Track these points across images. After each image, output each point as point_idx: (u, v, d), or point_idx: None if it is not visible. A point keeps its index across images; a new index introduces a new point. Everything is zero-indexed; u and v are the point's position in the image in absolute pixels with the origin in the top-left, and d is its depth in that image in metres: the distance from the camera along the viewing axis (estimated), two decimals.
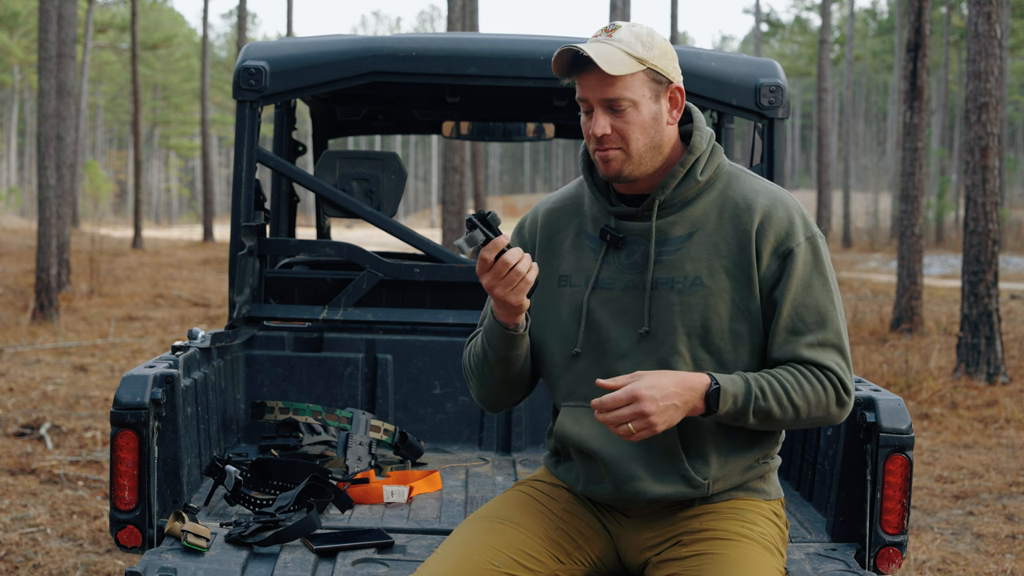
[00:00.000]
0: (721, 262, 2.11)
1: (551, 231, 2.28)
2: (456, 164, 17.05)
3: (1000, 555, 4.76)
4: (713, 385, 2.01)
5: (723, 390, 2.01)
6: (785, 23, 55.34)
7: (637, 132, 2.09)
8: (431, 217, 61.82)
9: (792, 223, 2.12)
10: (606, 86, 2.06)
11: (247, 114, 3.53)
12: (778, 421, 2.07)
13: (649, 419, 1.96)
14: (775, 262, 2.10)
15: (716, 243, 2.12)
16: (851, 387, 2.11)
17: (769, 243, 2.10)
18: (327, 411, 3.31)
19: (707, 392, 2.01)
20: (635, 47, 2.07)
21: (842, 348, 2.11)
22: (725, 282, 2.11)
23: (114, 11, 46.62)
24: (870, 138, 62.35)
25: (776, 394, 2.04)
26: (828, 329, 2.10)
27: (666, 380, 1.99)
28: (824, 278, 2.13)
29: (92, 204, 34.38)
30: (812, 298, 2.10)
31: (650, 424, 1.96)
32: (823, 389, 2.08)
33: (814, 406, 2.07)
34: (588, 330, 2.18)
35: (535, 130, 4.73)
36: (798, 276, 2.10)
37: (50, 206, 12.17)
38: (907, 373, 8.77)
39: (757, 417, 2.04)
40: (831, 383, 2.08)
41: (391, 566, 2.41)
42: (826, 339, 2.09)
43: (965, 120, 9.14)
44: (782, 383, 2.05)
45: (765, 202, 2.13)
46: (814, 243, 2.13)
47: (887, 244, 32.63)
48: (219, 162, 65.81)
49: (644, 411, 1.95)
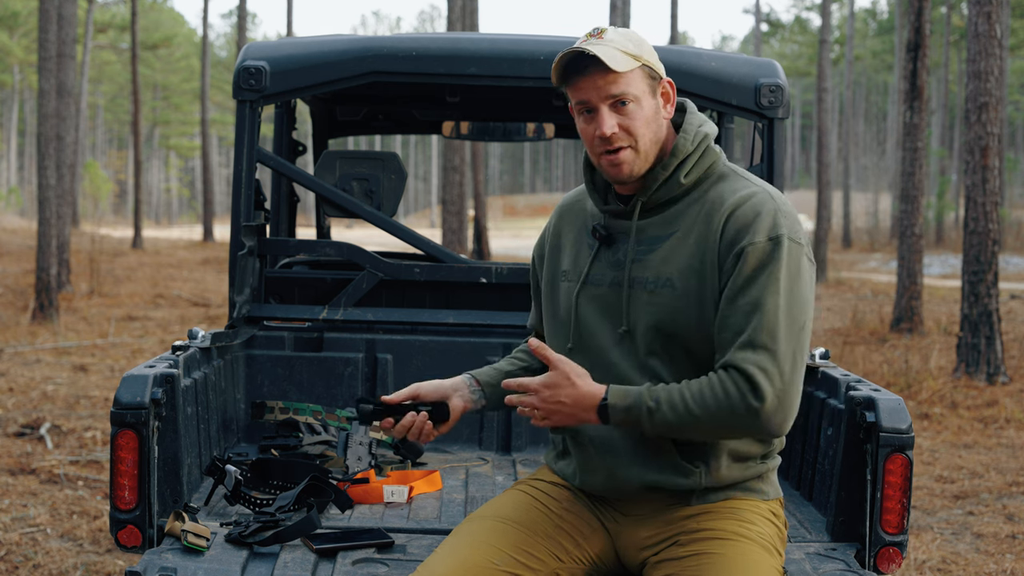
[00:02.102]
0: (691, 263, 2.10)
1: (560, 229, 2.34)
2: (456, 164, 17.06)
3: (1000, 555, 4.76)
4: (603, 401, 2.06)
5: (611, 406, 2.06)
6: (785, 23, 55.36)
7: (643, 127, 2.11)
8: (431, 217, 61.81)
9: (756, 220, 2.04)
10: (610, 84, 2.08)
11: (247, 114, 3.53)
12: (680, 429, 2.04)
13: (543, 411, 2.09)
14: (730, 260, 2.05)
15: (689, 244, 2.11)
16: (766, 391, 1.96)
17: (727, 239, 2.06)
18: (327, 411, 3.31)
19: (598, 406, 2.06)
20: (627, 46, 2.10)
21: (772, 350, 1.98)
22: (694, 283, 2.09)
23: (114, 11, 46.63)
24: (870, 138, 62.36)
25: (673, 403, 2.02)
26: (760, 329, 1.98)
27: (563, 388, 2.07)
28: (775, 279, 2.00)
29: (92, 204, 34.37)
30: (749, 296, 2.00)
31: (546, 415, 2.09)
32: (724, 395, 1.98)
33: (715, 413, 1.99)
34: (578, 324, 2.22)
35: (535, 130, 4.73)
36: (743, 275, 2.02)
37: (50, 206, 12.17)
38: (907, 373, 8.77)
39: (656, 427, 2.05)
40: (736, 387, 1.98)
41: (391, 566, 2.41)
42: (754, 339, 1.99)
43: (965, 120, 9.14)
44: (682, 392, 2.02)
45: (736, 199, 2.09)
46: (778, 244, 2.02)
47: (887, 244, 32.64)
48: (219, 162, 65.82)
49: (537, 404, 2.08)
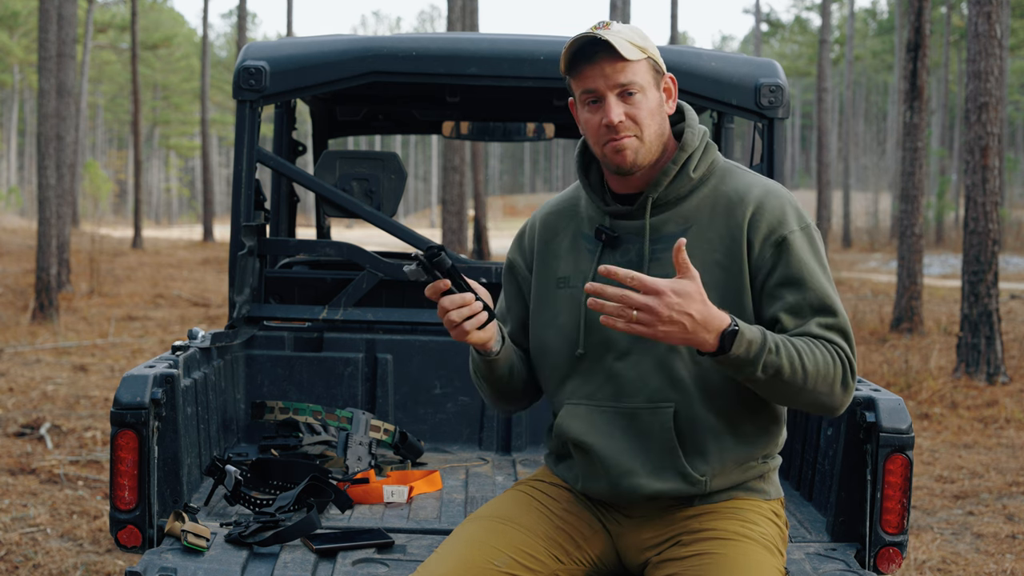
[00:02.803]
0: (714, 257, 2.11)
1: (549, 235, 2.29)
2: (456, 164, 17.06)
3: (1000, 555, 4.76)
4: (732, 326, 1.95)
5: (740, 333, 1.95)
6: (785, 23, 55.37)
7: (648, 118, 2.12)
8: (431, 217, 61.81)
9: (785, 213, 2.12)
10: (618, 72, 2.08)
11: (247, 114, 3.53)
12: (785, 383, 2.00)
13: (656, 317, 1.89)
14: (768, 250, 2.09)
15: (710, 238, 2.12)
16: (856, 375, 2.09)
17: (761, 232, 2.10)
18: (327, 411, 3.31)
19: (724, 331, 1.95)
20: (634, 38, 2.11)
21: (850, 338, 2.08)
22: (719, 277, 2.10)
23: (114, 11, 46.63)
24: (870, 138, 62.34)
25: (789, 353, 2.00)
26: (837, 316, 2.07)
27: (695, 301, 1.90)
28: (824, 268, 2.11)
29: (92, 204, 34.35)
30: (817, 283, 2.08)
31: (651, 323, 1.89)
32: (833, 363, 2.04)
33: (822, 377, 2.03)
34: (588, 330, 2.18)
35: (535, 130, 4.73)
36: (798, 262, 2.08)
37: (50, 206, 12.17)
38: (907, 373, 8.77)
39: (766, 372, 1.98)
40: (841, 361, 2.05)
41: (391, 566, 2.41)
42: (835, 324, 2.07)
43: (965, 120, 9.14)
44: (796, 345, 2.02)
45: (758, 193, 2.14)
46: (809, 233, 2.12)
47: (887, 244, 32.63)
48: (219, 162, 65.81)
49: (655, 308, 1.88)
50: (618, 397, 2.16)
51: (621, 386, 2.15)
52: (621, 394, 2.16)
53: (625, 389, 2.15)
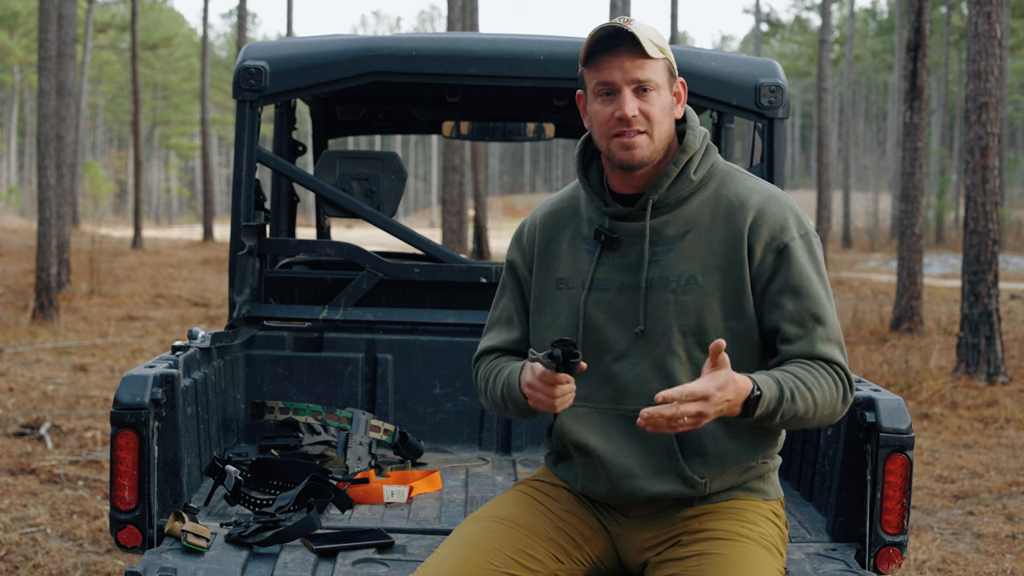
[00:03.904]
0: (715, 260, 2.12)
1: (549, 235, 2.29)
2: (456, 164, 17.06)
3: (1000, 555, 4.76)
4: (755, 392, 1.97)
5: (762, 397, 1.97)
6: (785, 23, 55.38)
7: (661, 116, 2.12)
8: (431, 217, 61.80)
9: (786, 219, 2.13)
10: (637, 67, 2.09)
11: (247, 114, 3.53)
12: (799, 419, 2.05)
13: (705, 417, 1.92)
14: (769, 257, 2.11)
15: (710, 242, 2.13)
16: (852, 385, 2.13)
17: (762, 239, 2.11)
18: (327, 411, 3.31)
19: (748, 399, 1.97)
20: (655, 37, 2.12)
21: (843, 348, 2.13)
22: (719, 280, 2.11)
23: (114, 11, 46.63)
24: (870, 138, 62.35)
25: (802, 394, 2.03)
26: (831, 325, 2.11)
27: (730, 387, 1.93)
28: (821, 276, 2.14)
29: (92, 204, 34.36)
30: (815, 292, 2.11)
31: (700, 421, 1.92)
32: (836, 385, 2.09)
33: (828, 403, 2.08)
34: (586, 332, 2.18)
35: (535, 130, 4.72)
36: (798, 270, 2.11)
37: (50, 206, 12.16)
38: (907, 373, 8.77)
39: (784, 419, 2.03)
40: (841, 380, 2.10)
41: (391, 566, 2.41)
42: (830, 335, 2.11)
43: (965, 120, 9.14)
44: (805, 382, 2.04)
45: (759, 199, 2.14)
46: (808, 240, 2.14)
47: (887, 244, 32.62)
48: (219, 162, 65.80)
49: (705, 411, 1.91)
50: (617, 399, 2.16)
51: (618, 388, 2.15)
52: (619, 396, 2.16)
53: (623, 391, 2.15)
